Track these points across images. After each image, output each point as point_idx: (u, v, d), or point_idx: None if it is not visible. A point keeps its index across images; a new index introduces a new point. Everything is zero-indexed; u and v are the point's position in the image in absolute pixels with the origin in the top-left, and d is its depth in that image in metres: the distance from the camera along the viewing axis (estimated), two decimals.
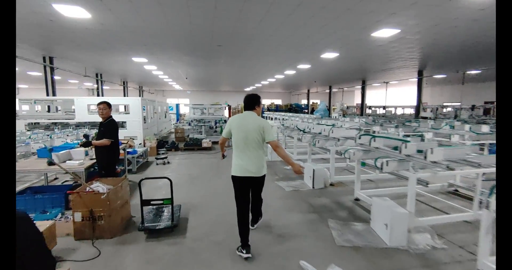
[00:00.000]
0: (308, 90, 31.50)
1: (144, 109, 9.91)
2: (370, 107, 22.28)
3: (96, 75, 18.49)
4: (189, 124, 12.58)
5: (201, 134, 12.28)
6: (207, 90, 34.75)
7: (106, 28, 7.76)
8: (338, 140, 5.12)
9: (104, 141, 4.06)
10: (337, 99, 31.49)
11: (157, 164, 7.69)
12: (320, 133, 5.83)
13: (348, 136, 5.19)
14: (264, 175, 3.22)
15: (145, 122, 9.49)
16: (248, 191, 3.21)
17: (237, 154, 3.10)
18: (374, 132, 5.43)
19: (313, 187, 5.43)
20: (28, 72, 17.01)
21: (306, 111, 31.18)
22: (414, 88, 31.62)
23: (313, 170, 5.35)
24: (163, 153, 9.18)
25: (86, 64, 14.69)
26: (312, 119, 14.40)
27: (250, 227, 3.44)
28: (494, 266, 2.45)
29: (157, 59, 13.06)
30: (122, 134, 8.67)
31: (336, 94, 36.67)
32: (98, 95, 19.15)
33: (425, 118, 15.48)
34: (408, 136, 4.75)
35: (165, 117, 14.80)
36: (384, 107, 20.90)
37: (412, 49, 10.71)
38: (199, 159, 8.55)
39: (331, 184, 5.58)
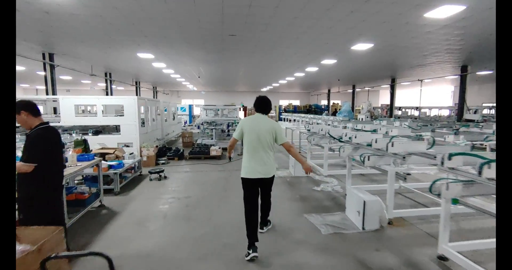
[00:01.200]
0: (329, 90, 29.39)
1: (145, 110, 8.48)
2: (400, 108, 19.95)
3: (105, 74, 17.53)
4: (198, 127, 10.91)
5: (212, 138, 10.74)
6: (222, 91, 33.43)
7: (105, 21, 7.02)
8: (404, 157, 3.35)
9: (21, 166, 2.41)
10: (360, 99, 29.14)
11: (150, 179, 6.12)
12: (368, 145, 4.07)
13: (416, 152, 3.40)
14: (273, 176, 3.23)
15: (143, 126, 8.01)
16: (257, 193, 3.21)
17: (248, 156, 3.10)
18: (433, 141, 3.63)
19: (363, 228, 3.64)
20: (37, 72, 16.25)
21: (327, 112, 29.13)
22: (447, 87, 28.89)
23: (364, 202, 3.56)
24: (162, 163, 7.69)
25: (92, 61, 13.73)
26: (338, 122, 12.54)
27: (260, 230, 3.42)
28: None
29: (164, 54, 11.73)
30: (114, 141, 7.49)
31: (359, 94, 34.26)
32: (107, 95, 18.19)
33: (471, 120, 13.18)
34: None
35: (174, 119, 13.37)
36: (417, 108, 18.57)
37: (461, 37, 8.62)
38: (205, 173, 6.96)
39: (389, 223, 3.77)
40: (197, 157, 8.31)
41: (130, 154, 6.19)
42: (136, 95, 21.44)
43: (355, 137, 4.42)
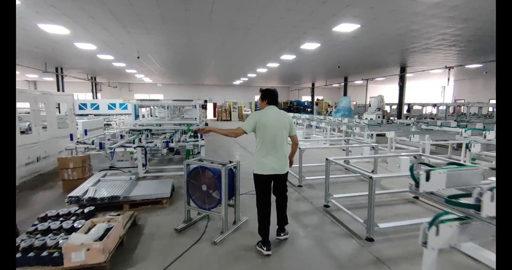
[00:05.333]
0: (313, 84, 25.38)
1: None
2: (409, 105, 16.29)
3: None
4: (101, 148, 5.08)
5: (145, 165, 5.86)
6: (187, 84, 28.11)
7: None
8: None
9: None
10: (349, 94, 25.14)
11: None
12: None
13: None
14: (288, 172, 3.18)
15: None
16: (271, 189, 3.14)
17: (265, 152, 2.97)
18: None
19: None
20: None
21: (310, 110, 25.15)
22: (437, 82, 26.25)
23: None
24: None
25: None
26: (361, 127, 8.37)
27: (279, 237, 3.25)
28: None
29: (82, 27, 6.69)
30: None
31: (342, 89, 30.77)
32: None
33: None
34: None
35: (67, 124, 7.79)
36: (435, 105, 14.95)
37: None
38: None
39: None
40: None
41: None
42: (58, 87, 15.57)
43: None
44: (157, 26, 7.79)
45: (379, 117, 12.20)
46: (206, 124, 9.23)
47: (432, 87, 26.17)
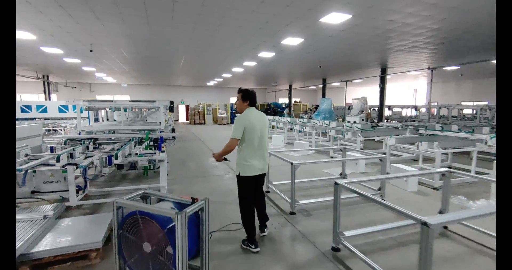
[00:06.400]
0: (290, 86, 24.50)
1: None
2: (390, 108, 15.76)
3: None
4: None
5: (83, 189, 4.30)
6: (156, 85, 26.06)
7: None
8: None
9: None
10: (320, 97, 24.40)
11: None
12: None
13: None
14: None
15: None
16: (253, 190, 3.12)
17: (251, 153, 2.97)
18: None
19: None
20: None
21: (287, 111, 24.23)
22: (409, 84, 26.58)
23: None
24: None
25: None
26: (353, 132, 7.31)
27: (262, 233, 3.29)
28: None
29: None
30: None
31: (319, 92, 30.34)
32: None
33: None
34: None
35: None
36: (415, 108, 14.47)
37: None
38: None
39: None
40: None
41: None
42: None
43: None
44: (107, 9, 6.23)
45: (362, 120, 11.38)
46: (173, 129, 7.73)
47: (404, 90, 26.45)
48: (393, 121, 14.37)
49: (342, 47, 9.88)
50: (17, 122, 10.08)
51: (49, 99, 19.25)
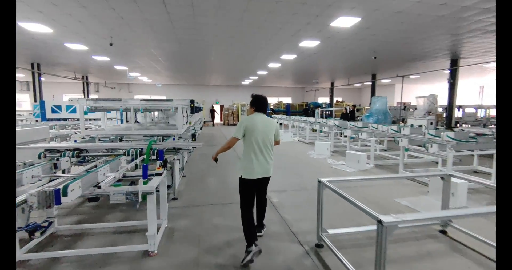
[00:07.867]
0: (332, 84, 22.16)
1: None
2: (460, 108, 12.85)
3: None
4: None
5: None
6: (190, 85, 25.52)
7: None
8: None
9: None
10: (365, 97, 21.00)
11: None
12: None
13: None
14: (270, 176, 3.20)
15: None
16: (255, 192, 3.19)
17: (252, 156, 3.01)
18: None
19: None
20: None
21: (329, 113, 21.94)
22: (476, 81, 22.22)
23: None
24: None
25: None
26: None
27: (260, 233, 3.35)
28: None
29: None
30: None
31: (364, 90, 27.38)
32: None
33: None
34: None
35: None
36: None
37: None
38: None
39: None
40: None
41: None
42: (34, 87, 13.19)
43: None
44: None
45: (431, 123, 8.98)
46: (194, 135, 6.36)
47: (469, 87, 22.44)
48: (466, 125, 11.55)
49: (407, 29, 7.67)
50: (48, 123, 9.64)
51: None
